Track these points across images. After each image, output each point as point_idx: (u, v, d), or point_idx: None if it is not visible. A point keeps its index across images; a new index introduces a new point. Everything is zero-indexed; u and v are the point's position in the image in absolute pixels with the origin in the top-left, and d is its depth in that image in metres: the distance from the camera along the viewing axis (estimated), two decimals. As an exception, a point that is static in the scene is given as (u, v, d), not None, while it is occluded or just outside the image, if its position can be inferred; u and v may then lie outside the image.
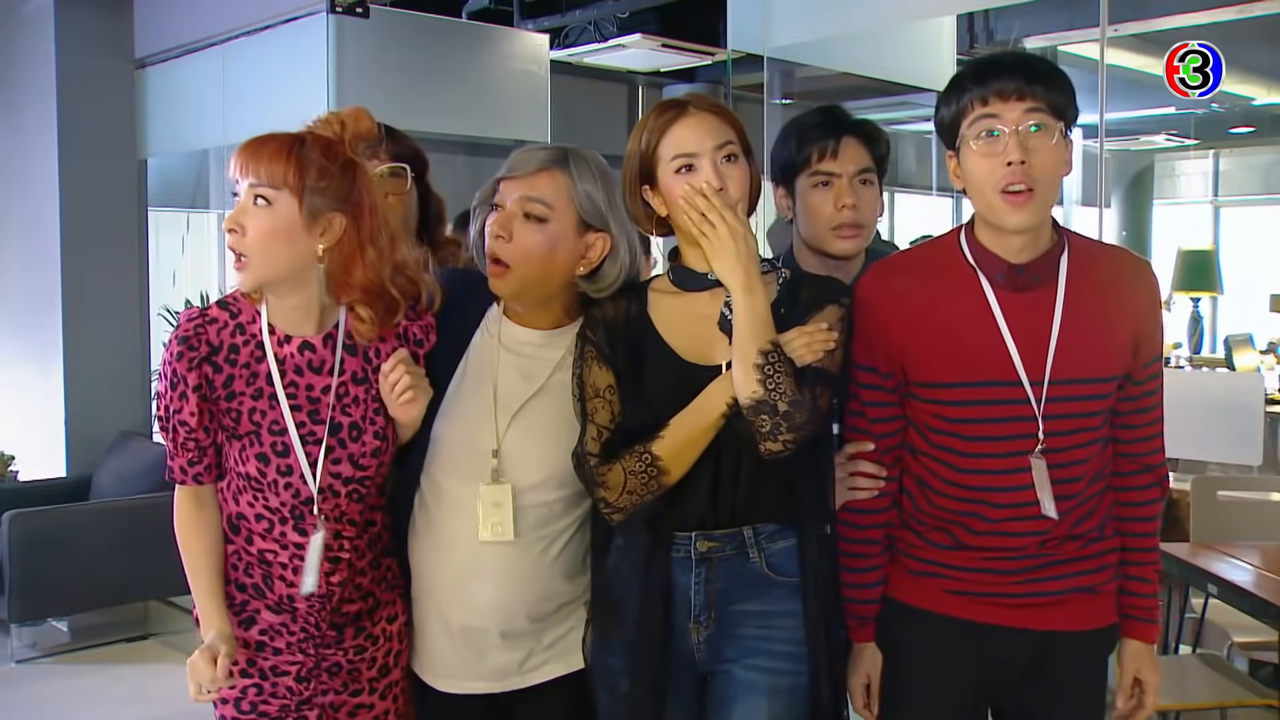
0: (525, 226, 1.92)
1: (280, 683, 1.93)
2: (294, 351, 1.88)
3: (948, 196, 7.24)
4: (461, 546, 1.95)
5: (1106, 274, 1.90)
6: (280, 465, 1.86)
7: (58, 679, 4.68)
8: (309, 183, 1.78)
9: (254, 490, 1.88)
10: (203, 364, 1.84)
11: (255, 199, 1.78)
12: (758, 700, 1.90)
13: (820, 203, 2.18)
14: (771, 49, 4.48)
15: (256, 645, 1.92)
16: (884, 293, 1.94)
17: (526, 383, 1.97)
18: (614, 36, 6.16)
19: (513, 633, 1.96)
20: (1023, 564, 1.90)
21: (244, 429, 1.86)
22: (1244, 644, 3.57)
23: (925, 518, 1.96)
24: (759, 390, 1.78)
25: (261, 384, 1.86)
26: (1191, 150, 10.38)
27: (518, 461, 1.95)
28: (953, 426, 1.90)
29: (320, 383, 1.89)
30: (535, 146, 1.97)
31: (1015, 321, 1.86)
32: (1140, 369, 1.90)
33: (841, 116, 2.22)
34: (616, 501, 1.85)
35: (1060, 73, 1.84)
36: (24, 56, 5.76)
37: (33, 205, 5.73)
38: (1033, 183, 1.79)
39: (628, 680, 1.90)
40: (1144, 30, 5.51)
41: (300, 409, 1.87)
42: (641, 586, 1.89)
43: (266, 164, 1.77)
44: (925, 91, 5.52)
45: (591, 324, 1.94)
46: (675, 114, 1.89)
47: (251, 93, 5.14)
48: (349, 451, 1.89)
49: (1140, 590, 1.97)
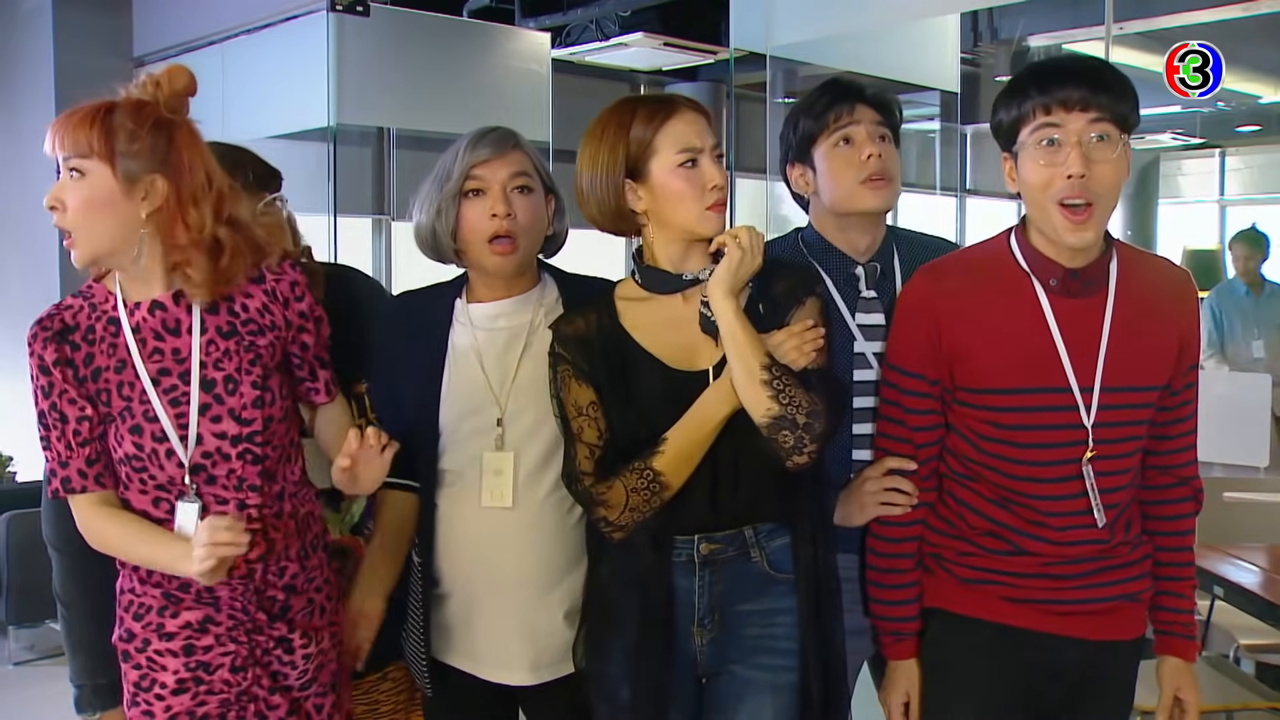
0: (520, 199, 2.00)
1: (216, 677, 1.85)
2: (145, 315, 1.81)
3: (951, 196, 7.19)
4: (486, 518, 2.00)
5: (1152, 282, 1.88)
6: (154, 431, 1.79)
7: (55, 681, 4.63)
8: (119, 147, 1.72)
9: (139, 474, 1.80)
10: (61, 342, 1.78)
11: (70, 172, 1.74)
12: (762, 699, 1.88)
13: (845, 161, 2.10)
14: (774, 48, 4.45)
15: (185, 648, 1.83)
16: (937, 295, 1.91)
17: (509, 350, 2.03)
18: (616, 35, 6.14)
19: (541, 606, 1.99)
20: (1081, 567, 1.88)
21: (116, 406, 1.80)
22: (1250, 646, 3.54)
23: (977, 525, 1.92)
24: (774, 406, 1.76)
25: (122, 354, 1.80)
26: (1197, 149, 10.33)
27: (522, 429, 1.99)
28: (1004, 434, 1.87)
29: (183, 344, 1.82)
30: (480, 132, 2.03)
31: (1067, 327, 1.83)
32: (1179, 378, 1.88)
33: (853, 81, 2.19)
34: (618, 520, 1.83)
35: (1125, 80, 1.80)
36: (22, 55, 5.75)
37: (31, 205, 5.69)
38: (1093, 196, 1.76)
39: (629, 689, 1.87)
40: (1149, 28, 5.47)
41: (169, 372, 1.80)
42: (642, 593, 1.87)
43: (73, 134, 1.72)
44: (929, 90, 5.49)
45: (562, 342, 1.91)
46: (666, 109, 1.86)
47: (251, 91, 5.11)
48: (228, 406, 1.81)
49: (1178, 606, 1.95)
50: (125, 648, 1.85)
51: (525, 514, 2.00)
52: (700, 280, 1.87)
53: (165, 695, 1.83)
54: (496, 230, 1.98)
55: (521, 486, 1.99)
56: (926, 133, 7.49)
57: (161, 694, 1.83)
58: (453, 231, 2.01)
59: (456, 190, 2.00)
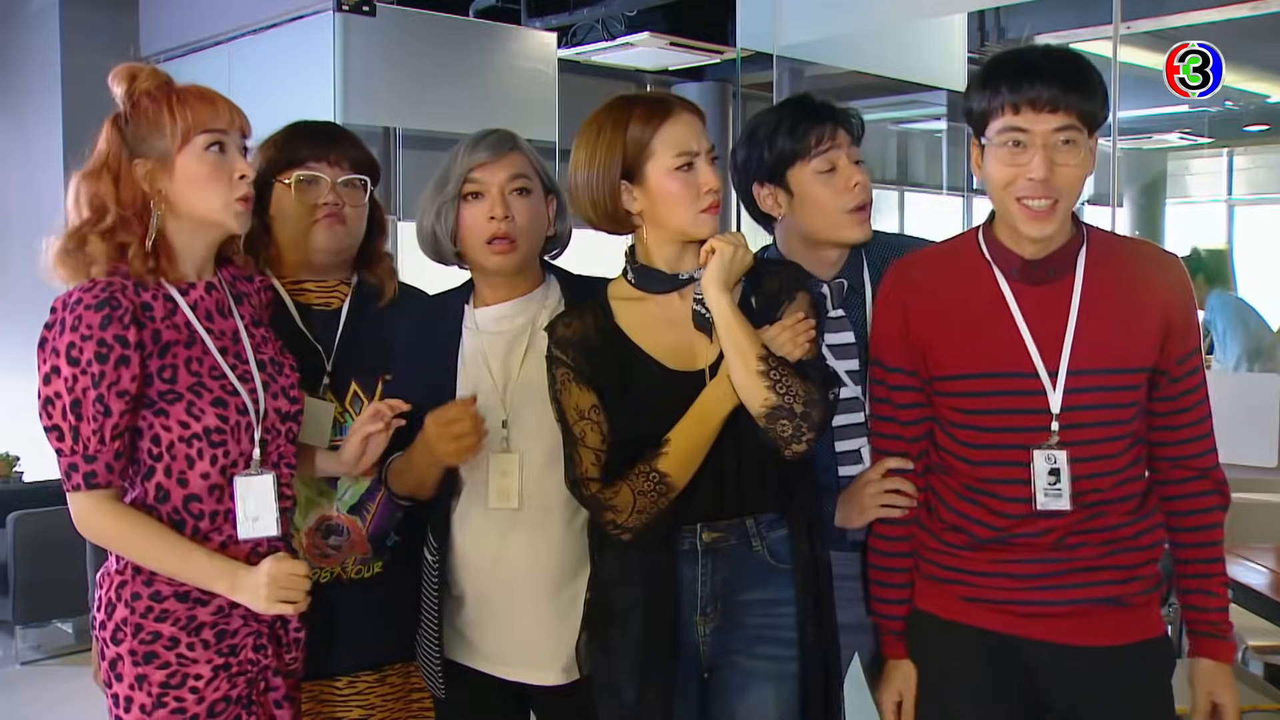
0: (519, 201, 2.01)
1: (242, 658, 1.87)
2: (203, 294, 1.86)
3: (958, 195, 7.19)
4: (494, 519, 2.01)
5: (1128, 265, 1.85)
6: (238, 404, 1.82)
7: (62, 680, 4.67)
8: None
9: (215, 449, 1.81)
10: (133, 320, 1.76)
11: (246, 152, 1.88)
12: (764, 688, 1.89)
13: (830, 190, 2.07)
14: (781, 47, 4.44)
15: (217, 635, 1.84)
16: (902, 285, 1.93)
17: (513, 352, 2.04)
18: (622, 35, 6.15)
19: (553, 605, 2.00)
20: (1037, 569, 1.85)
21: (184, 381, 1.80)
22: (1259, 648, 3.52)
23: (946, 519, 1.92)
24: (771, 397, 1.77)
25: (187, 333, 1.82)
26: (1205, 148, 10.31)
27: (527, 430, 2.00)
28: (970, 419, 1.87)
29: (230, 326, 1.88)
30: (479, 135, 2.05)
31: (1031, 313, 1.83)
32: (1174, 364, 1.84)
33: (826, 103, 2.13)
34: (626, 522, 1.82)
35: (1094, 75, 1.77)
36: (28, 54, 5.76)
37: (37, 204, 5.71)
38: (1056, 194, 1.76)
39: (634, 688, 1.87)
40: (1156, 27, 5.46)
41: (227, 352, 1.85)
42: (647, 586, 1.87)
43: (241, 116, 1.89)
44: (935, 90, 5.48)
45: (560, 345, 1.90)
46: (667, 111, 1.86)
47: (257, 91, 5.09)
48: (280, 384, 1.90)
49: (1204, 605, 1.88)
50: (149, 649, 1.82)
51: (532, 514, 2.00)
52: (695, 279, 1.88)
53: (200, 687, 1.83)
54: (495, 232, 1.99)
55: (528, 487, 2.00)
56: (933, 132, 7.49)
57: (197, 686, 1.82)
58: (452, 234, 2.02)
59: (455, 193, 2.01)
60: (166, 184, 1.81)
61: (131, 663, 1.82)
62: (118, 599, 1.84)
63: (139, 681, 1.82)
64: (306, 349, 2.10)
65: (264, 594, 1.77)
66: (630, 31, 6.13)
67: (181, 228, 1.84)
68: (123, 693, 1.83)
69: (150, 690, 1.82)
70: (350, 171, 2.14)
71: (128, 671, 1.83)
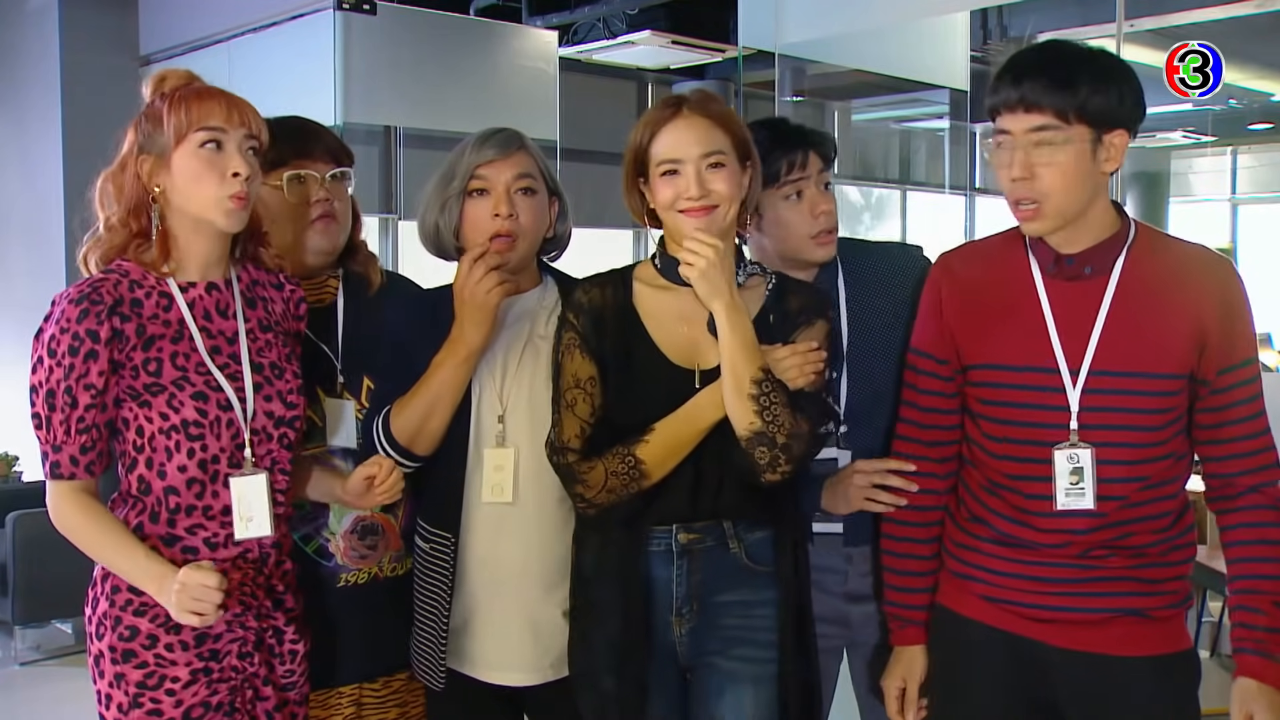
0: (523, 200, 2.04)
1: (225, 664, 1.86)
2: (202, 294, 1.87)
3: (960, 195, 7.17)
4: (487, 513, 2.02)
5: (1169, 268, 1.82)
6: (220, 400, 1.83)
7: (61, 681, 4.66)
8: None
9: (193, 442, 1.81)
10: (111, 315, 1.77)
11: (250, 150, 1.86)
12: (742, 690, 1.91)
13: (797, 215, 2.13)
14: (783, 46, 4.42)
15: (197, 638, 1.83)
16: (944, 274, 1.96)
17: (510, 350, 2.06)
18: (623, 33, 6.14)
19: (543, 603, 2.00)
20: (1060, 573, 1.83)
21: (169, 375, 1.81)
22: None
23: (973, 510, 1.92)
24: (756, 422, 1.79)
25: (177, 328, 1.83)
26: (1209, 147, 10.29)
27: (523, 426, 2.02)
28: (990, 410, 1.88)
29: (229, 327, 1.88)
30: (486, 133, 2.06)
31: (1061, 309, 1.82)
32: (1215, 375, 1.78)
33: (798, 126, 2.20)
34: (594, 498, 1.86)
35: (1089, 70, 1.74)
36: (28, 54, 5.75)
37: (37, 203, 5.71)
38: (1040, 196, 1.75)
39: (613, 677, 1.89)
40: (1160, 25, 5.44)
41: (220, 351, 1.86)
42: (622, 583, 1.89)
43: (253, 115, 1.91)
44: (938, 88, 5.46)
45: (575, 310, 1.94)
46: (669, 115, 1.89)
47: (257, 90, 5.04)
48: (277, 388, 1.90)
49: (1251, 621, 1.80)
50: (127, 646, 1.82)
51: (526, 509, 2.02)
52: None
53: (177, 690, 1.82)
54: (498, 229, 2.01)
55: (522, 482, 2.01)
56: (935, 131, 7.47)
57: (173, 689, 1.82)
58: (455, 229, 2.05)
59: (461, 189, 2.03)
60: (165, 179, 1.83)
61: (110, 660, 1.83)
62: (101, 592, 1.85)
63: (117, 680, 1.82)
64: (313, 350, 2.10)
65: (173, 601, 1.74)
66: (631, 30, 6.12)
67: (181, 224, 1.85)
68: (104, 690, 1.84)
69: (127, 690, 1.82)
70: (334, 165, 2.15)
71: (108, 669, 1.83)
